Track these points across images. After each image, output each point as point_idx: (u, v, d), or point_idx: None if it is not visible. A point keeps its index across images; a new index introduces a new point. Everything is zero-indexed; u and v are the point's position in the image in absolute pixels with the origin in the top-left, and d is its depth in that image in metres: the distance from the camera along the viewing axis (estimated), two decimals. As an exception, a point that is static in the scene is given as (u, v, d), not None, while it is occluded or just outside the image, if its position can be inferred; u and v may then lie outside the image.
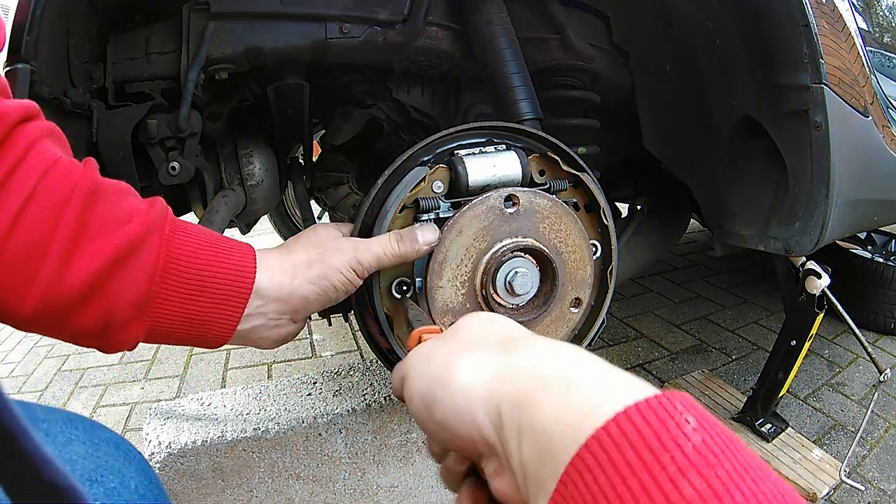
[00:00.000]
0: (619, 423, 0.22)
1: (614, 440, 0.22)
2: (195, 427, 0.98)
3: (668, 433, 0.22)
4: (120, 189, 0.45)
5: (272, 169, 0.98)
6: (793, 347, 1.26)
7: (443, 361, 0.32)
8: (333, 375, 1.15)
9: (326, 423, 1.02)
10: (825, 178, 0.85)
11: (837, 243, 2.05)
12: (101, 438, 0.47)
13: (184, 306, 0.47)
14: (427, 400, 0.31)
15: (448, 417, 0.30)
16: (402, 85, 1.00)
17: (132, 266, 0.43)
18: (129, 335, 0.46)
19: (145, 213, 0.45)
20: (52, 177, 0.40)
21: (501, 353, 0.30)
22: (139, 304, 0.44)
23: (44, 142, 0.42)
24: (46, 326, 0.43)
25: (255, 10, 0.77)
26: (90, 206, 0.42)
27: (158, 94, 0.77)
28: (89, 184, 0.42)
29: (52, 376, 2.00)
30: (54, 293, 0.40)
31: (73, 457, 0.43)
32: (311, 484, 1.04)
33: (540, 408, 0.26)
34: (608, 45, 0.97)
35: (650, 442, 0.21)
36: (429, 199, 0.63)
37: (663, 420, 0.22)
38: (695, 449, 0.21)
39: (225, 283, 0.49)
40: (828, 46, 0.82)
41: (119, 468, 0.45)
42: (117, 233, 0.42)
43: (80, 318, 0.42)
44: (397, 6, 0.82)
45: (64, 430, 0.45)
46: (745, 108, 0.92)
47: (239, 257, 0.51)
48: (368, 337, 0.69)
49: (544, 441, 0.25)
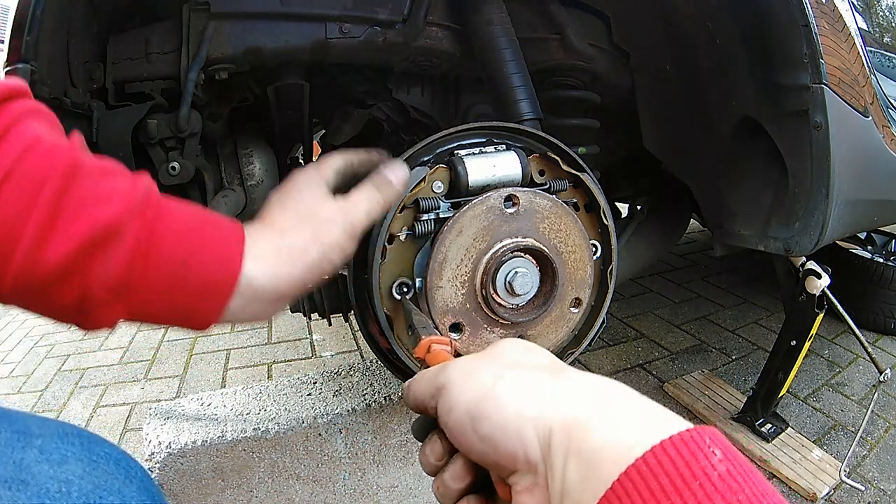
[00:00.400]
0: (657, 453, 0.26)
1: (652, 468, 0.26)
2: (195, 427, 0.98)
3: (697, 463, 0.25)
4: (102, 169, 0.43)
5: (272, 169, 0.98)
6: (793, 347, 1.26)
7: (492, 379, 0.33)
8: (333, 375, 1.15)
9: (326, 423, 1.02)
10: (825, 178, 0.85)
11: (837, 243, 2.05)
12: (100, 455, 0.44)
13: (165, 293, 0.45)
14: (474, 414, 0.32)
15: (495, 433, 0.31)
16: (402, 85, 1.00)
17: (109, 251, 0.41)
18: (108, 317, 0.44)
19: (127, 194, 0.43)
20: (31, 157, 0.39)
21: (551, 377, 0.32)
22: (117, 289, 0.42)
23: (26, 121, 0.41)
24: (25, 302, 0.42)
25: (256, 10, 0.77)
26: (68, 187, 0.40)
27: (158, 94, 0.77)
28: (69, 163, 0.41)
29: (52, 376, 2.00)
30: (31, 272, 0.39)
31: (70, 477, 0.41)
32: (311, 484, 1.04)
33: (590, 434, 0.28)
34: (608, 45, 0.97)
35: (683, 471, 0.25)
36: (429, 199, 0.63)
37: (694, 452, 0.26)
38: (720, 477, 0.25)
39: (210, 275, 0.46)
40: (828, 46, 0.82)
41: (119, 488, 0.43)
42: (95, 214, 0.41)
43: (58, 296, 0.41)
44: (397, 6, 0.82)
45: (59, 447, 0.43)
46: (745, 108, 0.92)
47: (225, 245, 0.47)
48: (368, 337, 0.69)
49: (591, 465, 0.28)
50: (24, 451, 0.41)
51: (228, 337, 2.15)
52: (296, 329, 2.15)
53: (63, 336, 2.36)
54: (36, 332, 2.47)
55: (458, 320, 0.64)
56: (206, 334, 2.19)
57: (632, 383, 1.62)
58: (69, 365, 2.07)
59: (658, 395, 1.55)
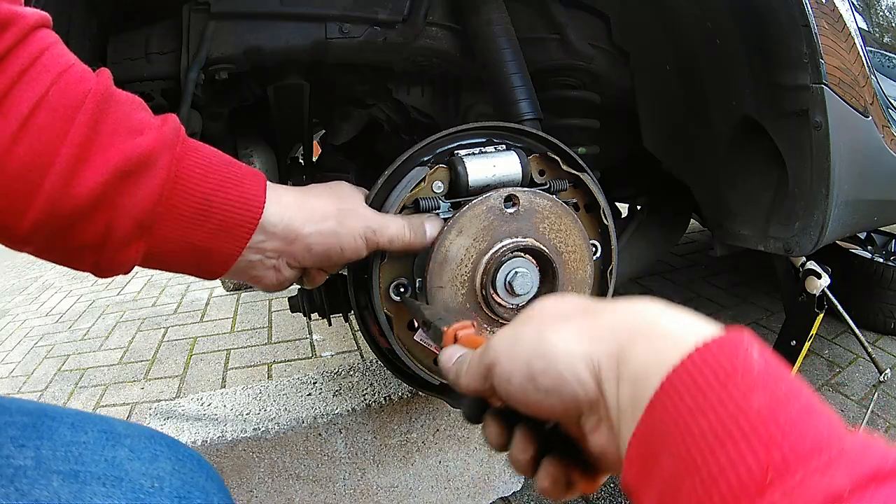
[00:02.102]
0: (697, 355, 0.27)
1: (694, 367, 0.26)
2: (195, 427, 0.98)
3: (737, 359, 0.26)
4: (133, 100, 0.43)
5: (272, 169, 0.98)
6: (793, 347, 1.26)
7: (536, 336, 0.34)
8: (333, 375, 1.15)
9: (326, 423, 1.02)
10: (825, 179, 0.85)
11: (837, 243, 2.05)
12: (185, 455, 0.46)
13: (187, 230, 0.45)
14: (530, 374, 0.33)
15: (555, 384, 0.32)
16: (402, 85, 1.00)
17: (141, 182, 0.41)
18: (127, 256, 0.43)
19: (158, 128, 0.43)
20: (66, 80, 0.39)
21: (589, 318, 0.34)
22: (143, 222, 0.42)
23: (59, 46, 0.40)
24: (43, 242, 0.41)
25: (255, 10, 0.77)
26: (102, 113, 0.40)
27: (158, 95, 0.77)
28: (103, 90, 0.40)
29: (52, 376, 2.00)
30: (59, 203, 0.38)
31: (161, 474, 0.43)
32: (311, 484, 1.04)
33: (633, 355, 0.30)
34: (608, 45, 0.97)
35: (724, 366, 0.26)
36: (429, 199, 0.63)
37: (733, 350, 0.27)
38: (759, 373, 0.26)
39: (233, 211, 0.46)
40: (828, 46, 0.82)
41: (203, 485, 0.45)
42: (128, 144, 0.40)
43: (81, 232, 0.41)
44: (397, 6, 0.82)
45: (149, 447, 0.44)
46: (745, 108, 0.92)
47: (250, 185, 0.48)
48: (369, 337, 0.69)
49: (638, 382, 0.29)
50: (115, 450, 0.43)
51: (228, 337, 2.15)
52: (296, 329, 2.15)
53: (63, 336, 2.36)
54: (36, 332, 2.47)
55: (458, 320, 0.64)
56: (206, 334, 2.19)
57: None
58: (69, 365, 2.07)
59: (658, 395, 1.55)
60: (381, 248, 0.57)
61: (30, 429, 0.41)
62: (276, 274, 0.53)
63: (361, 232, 0.53)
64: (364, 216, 0.55)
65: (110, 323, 2.42)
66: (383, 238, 0.55)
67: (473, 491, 1.20)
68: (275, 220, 0.48)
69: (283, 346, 2.03)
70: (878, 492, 0.20)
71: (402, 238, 0.57)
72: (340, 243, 0.53)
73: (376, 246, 0.56)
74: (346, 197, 0.56)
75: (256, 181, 0.49)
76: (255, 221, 0.47)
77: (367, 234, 0.54)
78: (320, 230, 0.51)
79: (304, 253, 0.52)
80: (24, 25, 0.38)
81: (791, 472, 0.22)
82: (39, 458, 0.39)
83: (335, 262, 0.55)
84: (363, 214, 0.55)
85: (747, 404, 0.24)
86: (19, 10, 0.38)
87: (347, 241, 0.53)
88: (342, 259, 0.55)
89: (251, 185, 0.48)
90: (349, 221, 0.53)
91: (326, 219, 0.52)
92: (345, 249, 0.53)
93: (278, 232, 0.49)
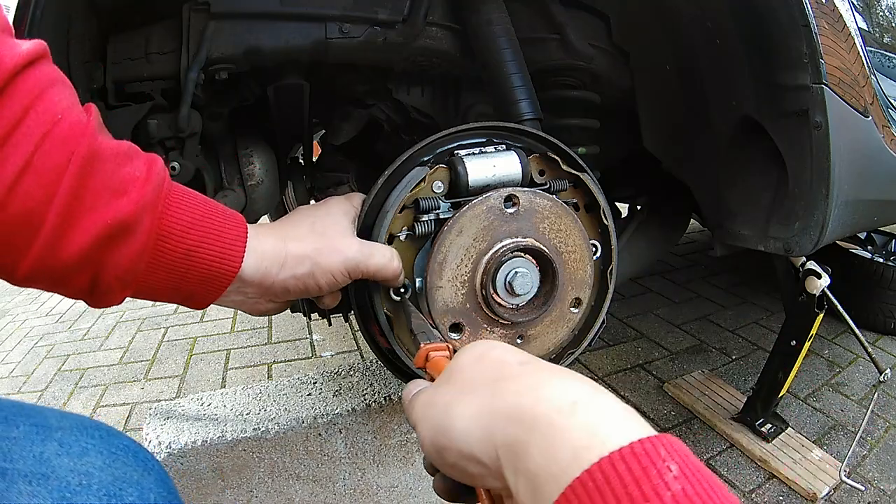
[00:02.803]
0: (601, 469, 0.23)
1: (597, 486, 0.23)
2: (195, 427, 0.98)
3: (648, 481, 0.22)
4: (118, 153, 0.44)
5: (272, 169, 0.98)
6: (793, 347, 1.26)
7: (443, 410, 0.34)
8: (333, 375, 1.15)
9: (326, 423, 1.02)
10: (825, 178, 0.85)
11: (837, 243, 2.05)
12: (119, 447, 0.45)
13: (170, 279, 0.48)
14: (438, 447, 0.33)
15: (458, 462, 0.32)
16: (402, 85, 1.00)
17: (123, 244, 0.43)
18: (116, 298, 0.47)
19: (141, 185, 0.44)
20: (51, 141, 0.39)
21: (490, 396, 0.32)
22: (125, 278, 0.45)
23: (49, 93, 0.40)
24: (38, 286, 0.44)
25: (255, 10, 0.77)
26: (86, 175, 0.41)
27: (158, 95, 0.77)
28: (87, 150, 0.41)
29: (52, 376, 2.00)
30: (47, 263, 0.41)
31: (90, 469, 0.41)
32: (311, 484, 1.04)
33: (528, 453, 0.27)
34: (608, 45, 0.97)
35: (631, 490, 0.22)
36: (429, 199, 0.63)
37: (645, 468, 0.23)
38: (674, 498, 0.22)
39: (212, 267, 0.49)
40: (828, 46, 0.81)
41: (138, 479, 0.43)
42: (111, 207, 0.42)
43: (70, 282, 0.44)
44: (397, 6, 0.82)
45: (79, 440, 0.43)
46: (745, 108, 0.92)
47: (230, 239, 0.50)
48: (368, 337, 0.69)
49: (535, 484, 0.26)
50: (45, 444, 0.41)
51: (228, 337, 2.15)
52: (296, 329, 2.15)
53: (63, 336, 2.36)
54: (36, 332, 2.47)
55: (458, 320, 0.64)
56: (206, 334, 2.19)
57: (632, 383, 1.63)
58: (69, 365, 2.07)
59: (658, 395, 1.55)
60: (367, 277, 0.58)
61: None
62: (260, 306, 0.57)
63: (340, 268, 0.55)
64: (342, 252, 0.56)
65: (110, 323, 2.42)
66: (368, 269, 0.57)
67: (473, 491, 1.20)
68: (251, 272, 0.52)
69: (283, 346, 2.03)
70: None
71: (389, 268, 0.58)
72: (317, 282, 0.55)
73: (361, 276, 0.57)
74: (328, 229, 0.57)
75: (237, 232, 0.51)
76: (233, 275, 0.50)
77: (349, 269, 0.56)
78: (295, 274, 0.54)
79: (282, 293, 0.55)
80: (7, 69, 0.37)
81: None
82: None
83: (314, 294, 0.58)
84: (341, 250, 0.56)
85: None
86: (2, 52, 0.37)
87: (325, 279, 0.55)
88: (321, 293, 0.58)
89: (231, 239, 0.50)
90: (326, 261, 0.55)
91: (301, 263, 0.54)
92: (322, 287, 0.56)
93: (255, 281, 0.52)
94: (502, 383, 0.32)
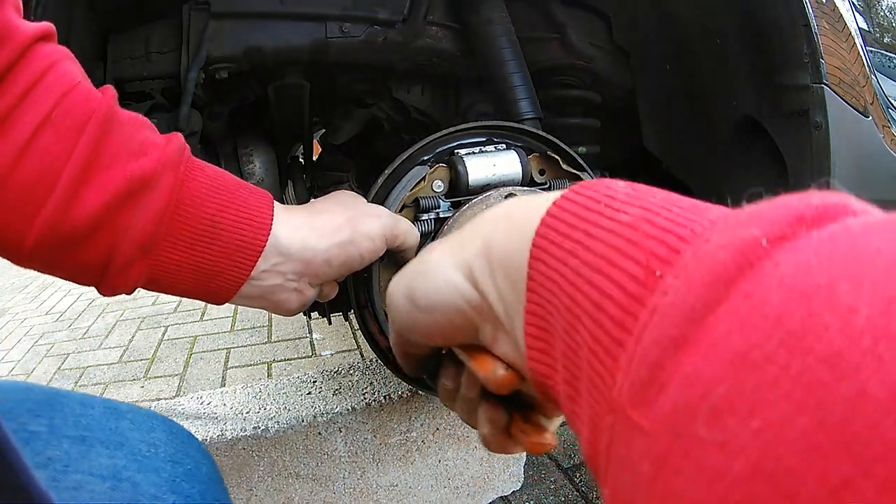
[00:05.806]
0: (556, 207, 0.25)
1: (557, 218, 0.25)
2: (195, 426, 0.98)
3: (599, 192, 0.24)
4: (136, 120, 0.43)
5: (272, 168, 0.98)
6: (792, 347, 1.26)
7: (415, 263, 0.34)
8: (333, 374, 1.15)
9: (326, 421, 1.02)
10: (825, 178, 0.85)
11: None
12: (178, 430, 0.51)
13: (192, 252, 0.44)
14: (408, 295, 0.33)
15: (432, 299, 0.31)
16: (402, 85, 1.00)
17: (142, 203, 0.41)
18: (129, 278, 0.43)
19: (161, 147, 0.42)
20: (70, 100, 0.39)
21: (458, 236, 0.33)
22: (144, 244, 0.42)
23: (64, 63, 0.40)
24: (46, 260, 0.41)
25: (256, 10, 0.77)
26: (106, 133, 0.40)
27: (159, 94, 0.77)
28: (107, 109, 0.40)
29: (52, 375, 2.00)
30: (60, 224, 0.38)
31: (157, 441, 0.47)
32: (311, 482, 1.04)
33: (497, 241, 0.28)
34: (609, 45, 0.97)
35: (586, 203, 0.24)
36: (429, 198, 0.63)
37: (595, 188, 0.25)
38: (625, 193, 0.23)
39: (239, 232, 0.45)
40: (828, 46, 0.82)
41: (194, 454, 0.49)
42: (130, 165, 0.40)
43: (82, 252, 0.41)
44: (397, 6, 0.82)
45: (147, 420, 0.48)
46: (745, 108, 0.92)
47: (256, 206, 0.47)
48: (368, 336, 0.69)
49: (510, 262, 0.27)
50: (118, 421, 0.47)
51: (228, 336, 2.15)
52: (296, 328, 2.15)
53: (63, 335, 2.37)
54: (36, 330, 2.47)
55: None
56: (206, 333, 2.19)
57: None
58: (69, 364, 2.08)
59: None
60: (395, 245, 0.55)
61: (44, 404, 0.44)
62: (299, 296, 0.52)
63: (379, 232, 0.53)
64: (378, 215, 0.54)
65: (110, 321, 2.42)
66: (399, 232, 0.55)
67: (473, 490, 1.20)
68: (288, 242, 0.48)
69: (282, 345, 2.03)
70: (806, 236, 0.16)
71: (413, 233, 0.56)
72: (359, 250, 0.52)
73: (393, 242, 0.55)
74: (352, 203, 0.56)
75: (263, 202, 0.48)
76: (264, 241, 0.47)
77: (386, 232, 0.53)
78: (336, 242, 0.51)
79: (324, 268, 0.51)
80: (23, 39, 0.38)
81: (680, 253, 0.19)
82: (52, 426, 0.42)
83: (355, 269, 0.54)
84: (377, 213, 0.54)
85: (616, 223, 0.22)
86: (16, 24, 0.38)
87: (365, 246, 0.52)
88: (362, 265, 0.54)
89: (258, 206, 0.47)
90: (363, 227, 0.52)
91: (340, 230, 0.51)
92: (364, 255, 0.52)
93: (294, 253, 0.48)
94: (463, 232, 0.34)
